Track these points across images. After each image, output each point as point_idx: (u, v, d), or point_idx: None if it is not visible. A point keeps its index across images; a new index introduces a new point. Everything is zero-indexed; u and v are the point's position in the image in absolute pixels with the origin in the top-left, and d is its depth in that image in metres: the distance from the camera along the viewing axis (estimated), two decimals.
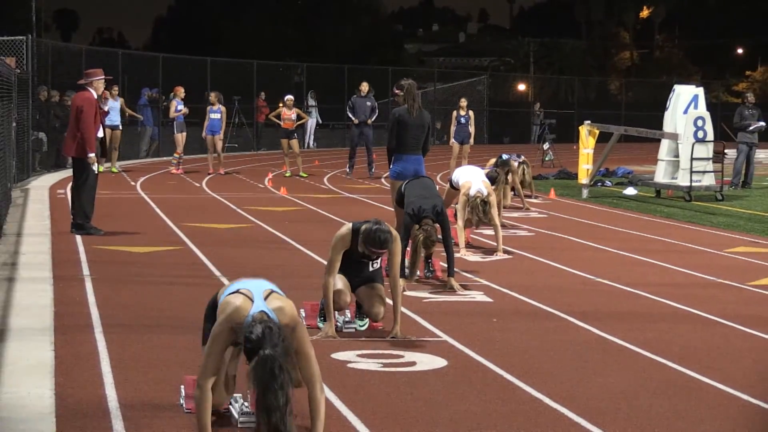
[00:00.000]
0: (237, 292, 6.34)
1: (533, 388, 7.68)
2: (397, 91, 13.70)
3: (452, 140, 28.94)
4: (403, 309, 9.68)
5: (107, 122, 26.76)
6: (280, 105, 29.67)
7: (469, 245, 14.92)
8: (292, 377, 6.07)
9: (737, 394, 7.74)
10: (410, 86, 13.60)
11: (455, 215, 14.42)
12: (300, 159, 29.55)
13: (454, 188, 14.64)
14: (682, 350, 9.06)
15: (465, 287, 11.93)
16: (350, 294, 9.45)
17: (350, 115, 29.79)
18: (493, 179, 16.09)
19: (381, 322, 6.07)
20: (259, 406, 6.03)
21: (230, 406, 6.80)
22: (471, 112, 29.25)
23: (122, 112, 31.04)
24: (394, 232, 9.31)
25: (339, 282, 9.35)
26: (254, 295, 6.31)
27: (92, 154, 15.61)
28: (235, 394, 6.83)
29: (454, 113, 29.14)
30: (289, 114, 28.79)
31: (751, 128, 27.37)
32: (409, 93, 13.50)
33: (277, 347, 6.03)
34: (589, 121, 25.54)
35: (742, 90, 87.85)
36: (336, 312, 9.36)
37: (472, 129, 29.07)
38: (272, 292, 6.36)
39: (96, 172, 15.96)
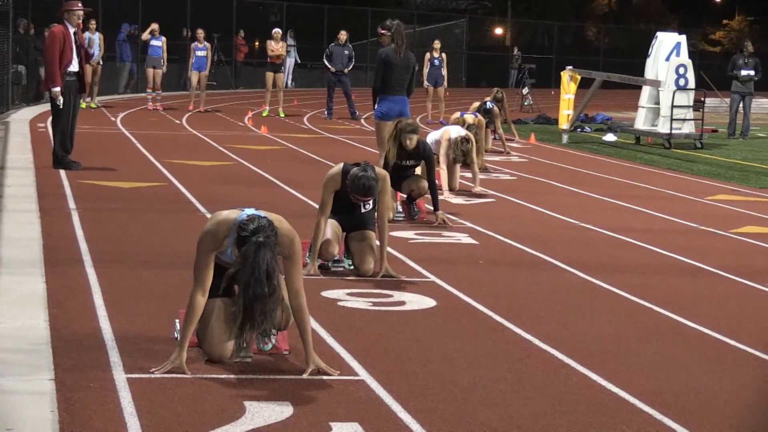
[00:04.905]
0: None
1: (522, 330, 7.76)
2: (383, 31, 13.63)
3: (426, 82, 28.93)
4: (389, 249, 9.72)
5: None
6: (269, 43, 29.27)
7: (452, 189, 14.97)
8: (281, 270, 6.19)
9: (722, 338, 7.84)
10: (398, 27, 13.57)
11: (438, 160, 14.47)
12: (281, 96, 29.37)
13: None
14: (668, 295, 9.16)
15: (451, 220, 12.17)
16: (338, 245, 9.47)
17: (327, 64, 29.43)
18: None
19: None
20: (244, 295, 6.08)
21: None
22: (444, 55, 29.24)
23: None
24: (382, 173, 9.33)
25: (329, 231, 9.35)
26: (245, 208, 6.44)
27: (56, 89, 15.23)
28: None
29: (427, 55, 29.12)
30: (277, 47, 28.51)
31: (741, 75, 27.14)
32: (398, 33, 13.47)
33: (270, 238, 6.13)
34: (570, 67, 25.55)
35: (719, 38, 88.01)
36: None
37: (444, 71, 29.07)
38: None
39: (76, 107, 15.80)
